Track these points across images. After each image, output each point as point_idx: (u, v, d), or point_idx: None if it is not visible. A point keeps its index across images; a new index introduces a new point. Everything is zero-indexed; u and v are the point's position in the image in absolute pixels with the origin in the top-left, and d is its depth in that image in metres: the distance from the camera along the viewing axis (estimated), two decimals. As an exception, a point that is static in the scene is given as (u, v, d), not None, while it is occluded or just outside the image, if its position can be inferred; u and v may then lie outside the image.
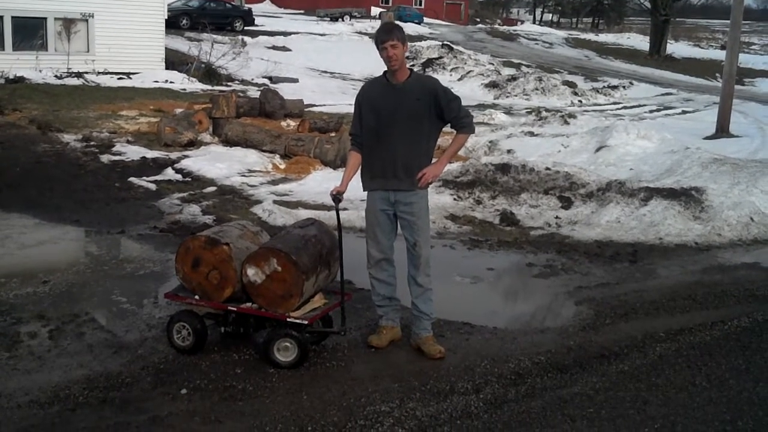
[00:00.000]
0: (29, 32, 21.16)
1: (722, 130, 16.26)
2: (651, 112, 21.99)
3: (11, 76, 19.09)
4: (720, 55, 37.14)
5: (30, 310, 5.45)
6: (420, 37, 40.14)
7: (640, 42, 49.84)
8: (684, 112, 21.83)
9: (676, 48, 47.90)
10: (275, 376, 4.58)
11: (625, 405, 4.43)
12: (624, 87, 27.99)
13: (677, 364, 5.02)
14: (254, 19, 37.39)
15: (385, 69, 4.96)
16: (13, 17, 20.84)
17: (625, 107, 23.39)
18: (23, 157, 10.98)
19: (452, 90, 5.23)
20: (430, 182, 4.94)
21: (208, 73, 22.67)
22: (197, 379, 4.51)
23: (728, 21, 17.84)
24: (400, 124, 4.88)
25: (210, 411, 4.14)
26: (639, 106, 23.66)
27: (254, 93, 18.46)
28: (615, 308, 6.05)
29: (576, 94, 25.69)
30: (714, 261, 7.60)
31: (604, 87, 27.82)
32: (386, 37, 4.81)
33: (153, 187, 9.66)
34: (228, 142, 12.36)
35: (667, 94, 27.42)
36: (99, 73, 21.15)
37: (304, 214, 8.11)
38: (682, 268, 7.32)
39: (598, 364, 4.97)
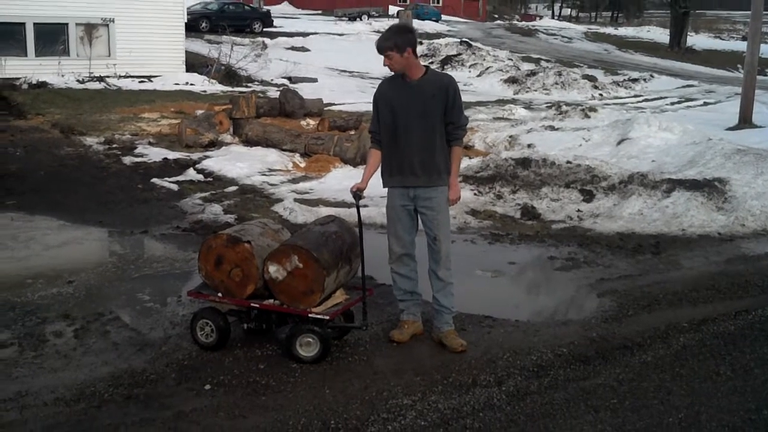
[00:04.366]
0: (51, 38, 21.42)
1: (745, 120, 16.10)
2: (672, 104, 21.81)
3: (34, 82, 19.34)
4: (741, 46, 36.73)
5: (55, 310, 5.52)
6: (438, 35, 40.12)
7: (660, 35, 49.49)
8: (706, 104, 21.63)
9: (697, 40, 47.51)
10: (298, 371, 4.60)
11: (648, 395, 4.41)
12: (645, 80, 27.78)
13: (701, 354, 4.99)
14: (273, 21, 37.55)
15: None
16: (35, 24, 21.11)
17: (646, 100, 23.22)
18: (47, 160, 11.12)
19: (471, 87, 5.25)
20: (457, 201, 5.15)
21: (228, 75, 22.80)
22: (221, 374, 4.54)
23: (749, 12, 17.63)
24: (416, 121, 4.90)
25: (234, 406, 4.18)
26: (660, 98, 23.48)
27: (274, 93, 18.55)
28: (638, 300, 6.02)
29: (596, 87, 25.53)
30: (737, 251, 7.54)
31: (624, 80, 27.63)
32: (380, 48, 4.89)
33: (175, 187, 9.74)
34: (248, 142, 12.43)
35: (689, 86, 27.19)
36: (120, 76, 21.37)
37: (324, 211, 8.14)
38: (706, 258, 7.26)
39: (621, 356, 4.95)
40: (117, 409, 4.14)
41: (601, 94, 24.75)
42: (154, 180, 10.02)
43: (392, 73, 5.03)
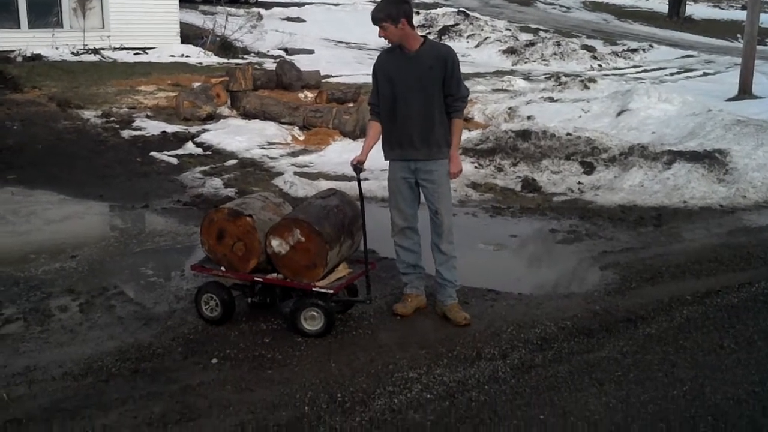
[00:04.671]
0: (44, 10, 21.11)
1: (744, 91, 16.03)
2: (672, 74, 21.71)
3: (28, 54, 19.13)
4: (741, 15, 36.43)
5: (60, 285, 5.52)
6: (435, 5, 39.72)
7: (659, 4, 49.02)
8: (705, 74, 21.53)
9: (696, 9, 47.11)
10: (303, 345, 4.62)
11: (653, 368, 4.43)
12: (644, 50, 27.56)
13: (705, 327, 5.01)
14: (268, -9, 37.13)
15: None
16: (27, -5, 20.84)
17: (645, 70, 23.09)
18: (44, 134, 11.04)
19: (469, 57, 5.21)
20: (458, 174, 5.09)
21: (224, 47, 22.58)
22: (227, 348, 4.56)
23: (750, -20, 17.48)
24: (414, 93, 4.87)
25: (240, 380, 4.20)
26: (659, 69, 23.35)
27: (270, 65, 18.41)
28: (640, 272, 6.03)
29: (595, 58, 25.36)
30: (739, 223, 7.56)
31: (623, 50, 27.41)
32: (374, 19, 4.84)
33: (174, 161, 9.70)
34: (246, 115, 12.36)
35: (688, 56, 27.00)
36: (115, 48, 21.13)
37: (325, 184, 8.12)
38: (707, 230, 7.28)
39: (624, 328, 4.97)
40: (124, 383, 4.16)
41: (600, 65, 24.59)
42: (153, 154, 9.97)
43: (388, 46, 4.99)
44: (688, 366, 4.46)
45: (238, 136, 10.99)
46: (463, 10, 33.84)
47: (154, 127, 11.50)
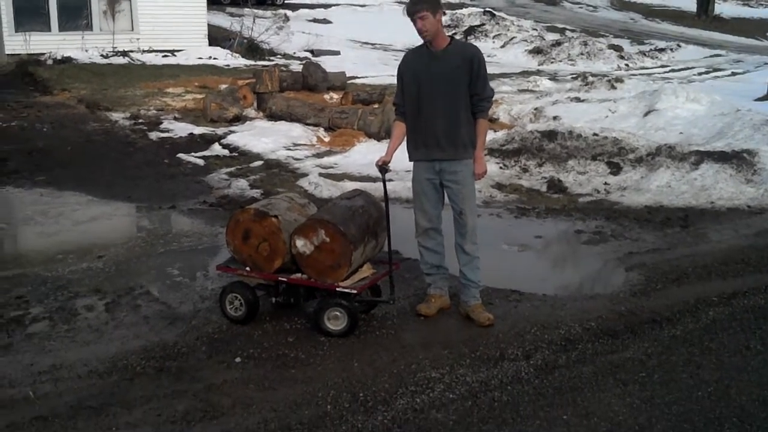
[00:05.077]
0: (74, 12, 21.38)
1: (774, 91, 15.82)
2: (700, 74, 21.48)
3: (59, 57, 19.38)
4: (771, 13, 36.01)
5: (86, 285, 5.60)
6: (461, 5, 39.64)
7: (687, 3, 48.58)
8: (734, 74, 21.28)
9: (725, 8, 46.54)
10: (326, 345, 4.64)
11: (677, 369, 4.39)
12: (671, 49, 27.30)
13: (731, 328, 4.96)
14: (294, -8, 37.27)
15: None
16: (58, -2, 21.12)
17: (673, 70, 22.87)
18: (73, 136, 11.20)
19: (495, 58, 5.19)
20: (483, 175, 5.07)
21: (251, 49, 22.73)
22: (251, 348, 4.59)
23: (780, -22, 17.26)
24: (440, 92, 4.86)
25: (264, 378, 4.23)
26: (687, 68, 23.12)
27: (297, 67, 18.49)
28: (666, 273, 5.98)
29: (622, 57, 25.15)
30: (767, 224, 7.45)
31: (651, 50, 27.17)
32: (414, 9, 4.78)
33: (201, 162, 9.79)
34: (272, 117, 12.43)
35: (716, 55, 26.71)
36: (144, 51, 21.35)
37: (349, 185, 8.14)
38: (735, 231, 7.20)
39: (649, 329, 4.93)
40: (149, 381, 4.21)
41: (627, 65, 24.39)
42: (181, 155, 10.06)
43: (414, 46, 4.99)
44: (713, 367, 4.42)
45: (264, 137, 11.06)
46: (489, 10, 33.72)
47: (182, 129, 11.61)
